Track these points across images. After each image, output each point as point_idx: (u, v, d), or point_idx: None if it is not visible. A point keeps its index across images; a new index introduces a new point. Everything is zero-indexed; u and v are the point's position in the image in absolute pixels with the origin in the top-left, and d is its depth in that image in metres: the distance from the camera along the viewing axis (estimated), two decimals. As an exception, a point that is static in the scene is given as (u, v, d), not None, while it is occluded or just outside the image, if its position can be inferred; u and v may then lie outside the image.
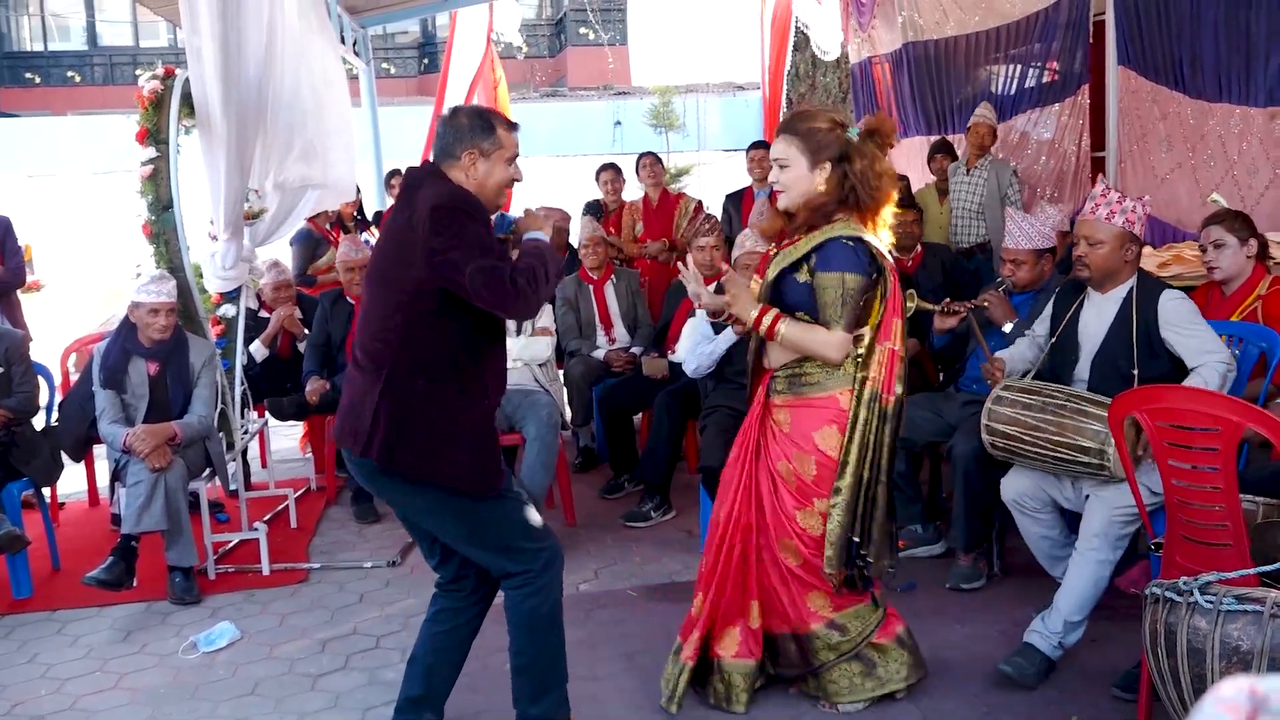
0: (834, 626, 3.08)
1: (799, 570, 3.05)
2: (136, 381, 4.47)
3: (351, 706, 3.38)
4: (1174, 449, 2.75)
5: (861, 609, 3.12)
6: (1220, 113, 5.31)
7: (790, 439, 3.01)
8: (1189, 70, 5.45)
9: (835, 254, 2.88)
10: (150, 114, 4.61)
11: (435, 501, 2.73)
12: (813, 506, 2.99)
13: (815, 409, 2.98)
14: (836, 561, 2.98)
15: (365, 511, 5.18)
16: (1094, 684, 3.25)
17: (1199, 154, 5.46)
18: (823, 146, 2.92)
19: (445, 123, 2.75)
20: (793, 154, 2.95)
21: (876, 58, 9.21)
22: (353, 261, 5.58)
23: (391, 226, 2.72)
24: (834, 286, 2.87)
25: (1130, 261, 3.45)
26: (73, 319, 10.05)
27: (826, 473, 2.97)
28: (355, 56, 9.31)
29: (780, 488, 3.03)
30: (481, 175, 2.71)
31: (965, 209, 6.51)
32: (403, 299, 2.63)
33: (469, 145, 2.70)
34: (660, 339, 5.51)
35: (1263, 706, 0.76)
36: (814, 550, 3.01)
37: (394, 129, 12.37)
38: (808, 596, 3.07)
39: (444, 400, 2.66)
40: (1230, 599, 2.35)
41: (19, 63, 31.56)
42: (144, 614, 4.18)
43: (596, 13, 25.72)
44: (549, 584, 2.84)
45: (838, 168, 2.92)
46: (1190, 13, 5.38)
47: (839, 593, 3.05)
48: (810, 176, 2.94)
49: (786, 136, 2.97)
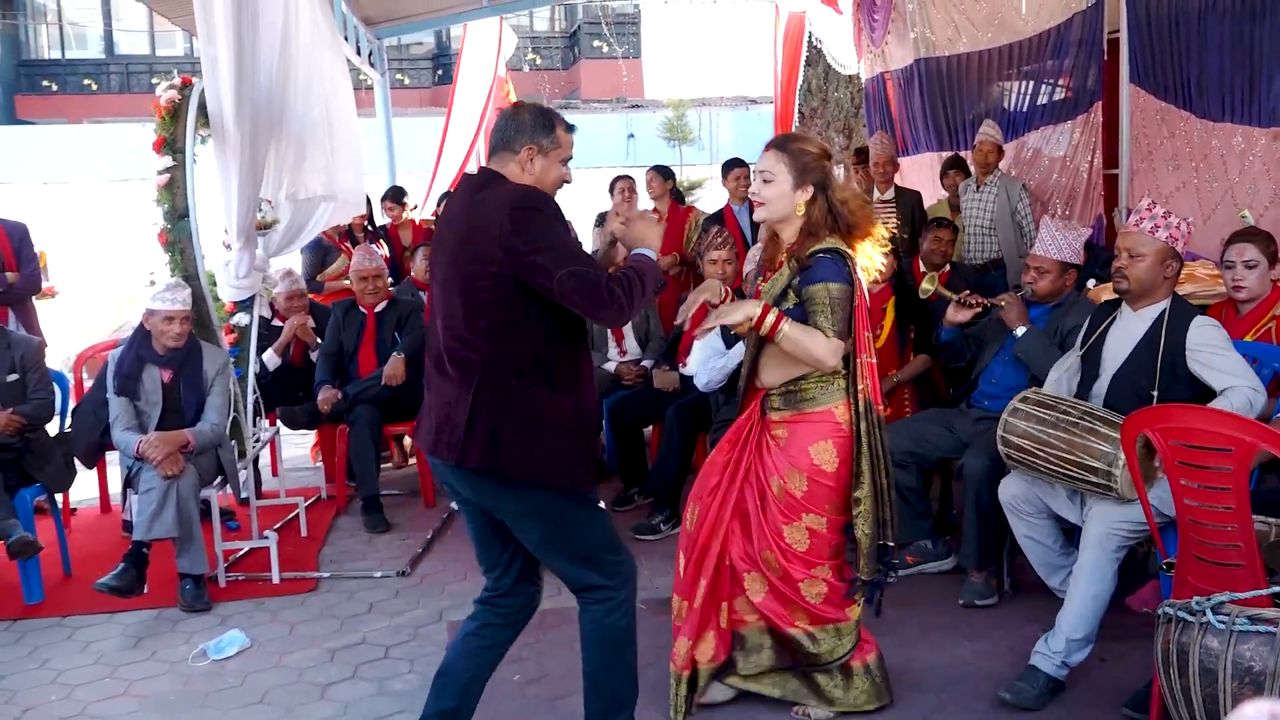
0: (810, 637, 3.15)
1: (778, 583, 3.12)
2: (150, 389, 4.49)
3: (360, 716, 3.38)
4: (1186, 468, 2.74)
5: (839, 628, 3.15)
6: (1224, 132, 5.31)
7: (786, 454, 3.07)
8: (1195, 89, 5.46)
9: (817, 266, 2.98)
10: (167, 123, 4.65)
11: (533, 505, 2.70)
12: (800, 521, 3.06)
13: (812, 424, 3.05)
14: (870, 569, 3.06)
15: (375, 521, 5.19)
16: (1104, 704, 3.23)
17: (1202, 173, 5.47)
18: (809, 169, 3.03)
19: (508, 117, 2.75)
20: (780, 170, 3.04)
21: (888, 74, 9.23)
22: (367, 271, 5.61)
23: (460, 230, 2.67)
24: (820, 296, 2.96)
25: (1169, 279, 3.45)
26: (87, 326, 10.10)
27: (818, 489, 3.04)
28: (370, 67, 9.38)
29: (770, 502, 3.10)
30: (538, 172, 2.71)
31: (977, 226, 6.51)
32: (485, 301, 2.60)
33: (529, 140, 2.69)
34: (671, 352, 5.52)
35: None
36: (795, 565, 3.08)
37: (408, 139, 12.43)
38: (786, 607, 3.15)
39: (537, 398, 2.63)
40: (1243, 619, 2.34)
41: (36, 70, 31.79)
42: (154, 621, 4.20)
43: (610, 25, 25.82)
44: (628, 599, 2.83)
45: (819, 194, 3.03)
46: (1197, 32, 5.39)
47: (850, 595, 3.13)
48: (792, 195, 3.04)
49: (776, 152, 3.06)
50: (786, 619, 3.14)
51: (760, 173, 3.08)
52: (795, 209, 3.05)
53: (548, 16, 32.30)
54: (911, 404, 4.83)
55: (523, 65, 29.36)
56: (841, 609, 3.14)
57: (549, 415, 2.65)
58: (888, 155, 7.33)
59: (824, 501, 3.05)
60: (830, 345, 2.96)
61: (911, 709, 3.26)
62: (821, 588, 3.10)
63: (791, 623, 3.14)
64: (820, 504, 3.05)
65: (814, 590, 3.10)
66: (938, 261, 5.54)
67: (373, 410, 5.32)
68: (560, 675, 3.55)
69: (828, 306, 2.95)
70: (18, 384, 4.51)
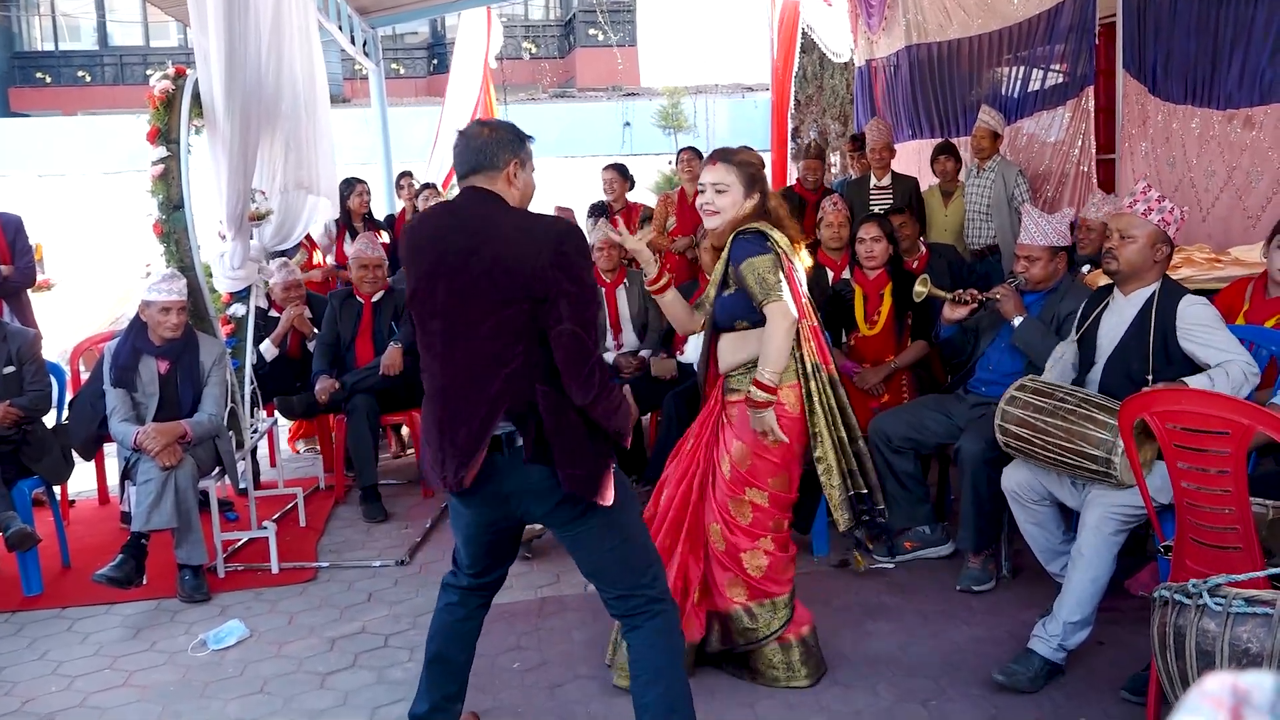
0: (747, 612, 3.31)
1: (722, 556, 3.30)
2: (147, 380, 4.49)
3: (360, 705, 3.39)
4: (1184, 451, 2.75)
5: (775, 602, 3.30)
6: (1183, 114, 5.33)
7: (734, 431, 3.25)
8: (1160, 72, 5.49)
9: (736, 249, 3.18)
10: (161, 114, 4.63)
11: (602, 517, 2.66)
12: (743, 496, 3.25)
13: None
14: (849, 519, 3.28)
15: (374, 511, 5.20)
16: (1102, 686, 3.24)
17: (1162, 157, 5.49)
18: (755, 180, 3.26)
19: (480, 136, 2.68)
20: (732, 181, 3.23)
21: (875, 61, 9.22)
22: (368, 260, 5.60)
23: (486, 256, 2.56)
24: (749, 273, 3.12)
25: (1159, 263, 3.45)
26: (83, 318, 10.08)
27: (760, 463, 3.21)
28: (365, 57, 9.35)
29: (719, 478, 3.29)
30: (522, 184, 2.71)
31: (976, 210, 6.52)
32: (519, 326, 2.55)
33: (511, 155, 2.67)
34: (669, 340, 5.52)
35: (1245, 700, 0.78)
36: (740, 536, 3.26)
37: (403, 129, 12.39)
38: (726, 581, 3.31)
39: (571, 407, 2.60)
40: (1240, 601, 2.35)
41: (30, 62, 31.69)
42: (153, 612, 4.20)
43: (605, 14, 25.77)
44: (675, 607, 2.81)
45: (761, 199, 3.26)
46: (1168, 15, 5.41)
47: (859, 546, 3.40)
48: (742, 204, 3.24)
49: (727, 165, 3.25)
50: (724, 597, 3.30)
51: (713, 185, 3.25)
52: (742, 213, 3.24)
53: (543, 4, 32.22)
54: (909, 390, 4.83)
55: (519, 53, 29.34)
56: (779, 582, 3.31)
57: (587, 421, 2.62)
58: (884, 141, 7.33)
59: (767, 476, 3.23)
60: (775, 310, 3.07)
61: (909, 694, 3.27)
62: (763, 560, 3.28)
63: (730, 600, 3.30)
64: (763, 478, 3.23)
65: (755, 563, 3.27)
66: (906, 246, 5.51)
67: (370, 400, 5.31)
68: (559, 662, 3.56)
69: (759, 279, 3.09)
70: (14, 376, 4.51)
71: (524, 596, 4.07)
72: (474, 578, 2.90)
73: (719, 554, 3.30)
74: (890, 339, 4.83)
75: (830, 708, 3.21)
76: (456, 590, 2.93)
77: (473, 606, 2.93)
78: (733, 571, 3.29)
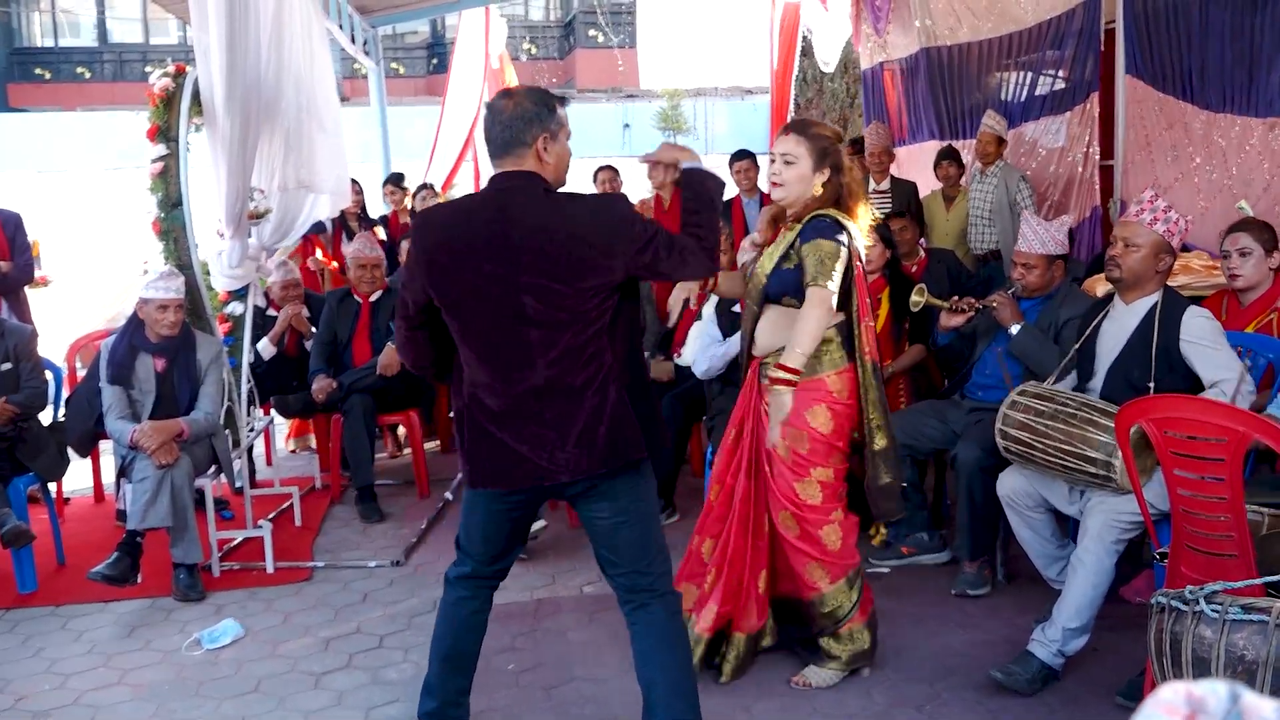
0: (832, 595, 3.30)
1: (798, 542, 3.27)
2: (144, 377, 4.48)
3: (354, 705, 3.38)
4: (1180, 459, 2.75)
5: (849, 579, 3.31)
6: (1223, 122, 5.31)
7: (782, 420, 3.18)
8: (1196, 80, 5.46)
9: (812, 227, 3.16)
10: (161, 111, 4.63)
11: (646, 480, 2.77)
12: (810, 476, 3.22)
13: (805, 391, 3.16)
14: (896, 510, 3.35)
15: (370, 511, 5.19)
16: (1098, 693, 3.24)
17: (1201, 164, 5.46)
18: (827, 154, 3.18)
19: (506, 111, 2.62)
20: (801, 153, 3.17)
21: (889, 63, 9.22)
22: (366, 259, 5.59)
23: (533, 247, 2.55)
24: (813, 251, 3.10)
25: (1161, 273, 3.46)
26: (80, 315, 10.08)
27: (819, 445, 3.20)
28: (365, 56, 9.35)
29: (777, 463, 3.24)
30: (555, 157, 2.65)
31: (979, 215, 6.52)
32: (590, 316, 2.58)
33: (540, 129, 2.62)
34: (666, 342, 5.51)
35: (1200, 708, 0.78)
36: (812, 521, 3.23)
37: (403, 129, 12.38)
38: (806, 567, 3.29)
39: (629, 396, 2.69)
40: (1236, 608, 2.35)
41: (29, 59, 31.66)
42: (148, 610, 4.19)
43: (605, 15, 25.78)
44: (678, 595, 2.90)
45: (835, 175, 3.20)
46: (1198, 23, 5.39)
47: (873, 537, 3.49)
48: (811, 178, 3.18)
49: (797, 136, 3.19)
50: (810, 586, 3.29)
51: (782, 155, 3.19)
52: (814, 190, 3.18)
53: (543, 5, 32.23)
54: (906, 395, 4.83)
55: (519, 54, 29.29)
56: (853, 550, 3.32)
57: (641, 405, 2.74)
58: (883, 146, 7.33)
59: (828, 455, 3.22)
60: (815, 295, 3.05)
61: (903, 698, 3.27)
62: (838, 532, 3.26)
63: (814, 586, 3.29)
64: (826, 458, 3.22)
65: (832, 537, 3.26)
66: (905, 250, 5.51)
67: (367, 400, 5.31)
68: (555, 664, 3.55)
69: (819, 260, 3.08)
70: (10, 373, 4.50)
71: (519, 598, 4.07)
72: (489, 564, 2.90)
73: (793, 540, 3.27)
74: (887, 343, 4.82)
75: (824, 710, 3.21)
76: (468, 583, 2.92)
77: (484, 597, 2.95)
78: (812, 555, 3.27)
